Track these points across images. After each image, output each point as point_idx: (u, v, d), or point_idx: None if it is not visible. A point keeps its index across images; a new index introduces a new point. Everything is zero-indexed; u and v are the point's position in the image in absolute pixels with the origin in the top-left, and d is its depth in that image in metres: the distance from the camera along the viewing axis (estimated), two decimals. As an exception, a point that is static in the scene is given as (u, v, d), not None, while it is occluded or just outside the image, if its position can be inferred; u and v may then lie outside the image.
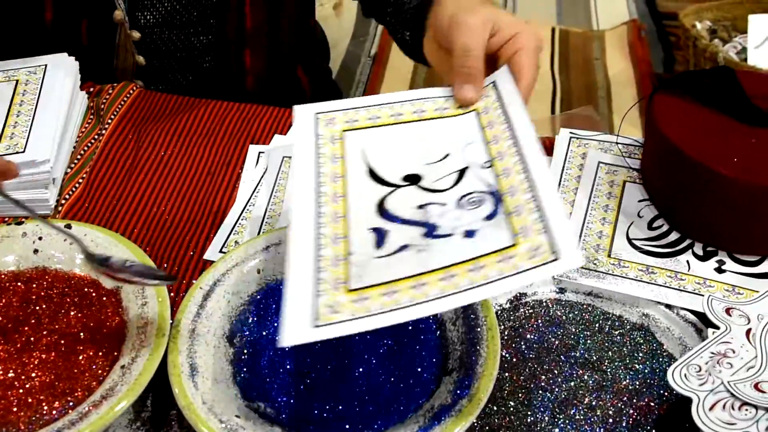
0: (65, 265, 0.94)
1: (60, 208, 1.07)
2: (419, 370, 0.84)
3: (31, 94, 1.14)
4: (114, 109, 1.22)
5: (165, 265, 0.99)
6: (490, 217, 0.81)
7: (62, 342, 0.86)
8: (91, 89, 1.25)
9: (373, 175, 0.89)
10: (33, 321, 0.89)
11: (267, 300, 0.90)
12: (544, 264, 0.73)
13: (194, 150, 1.16)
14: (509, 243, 0.77)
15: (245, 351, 0.86)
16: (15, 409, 0.81)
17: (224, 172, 1.13)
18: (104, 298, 0.90)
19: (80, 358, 0.85)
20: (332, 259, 0.80)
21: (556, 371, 0.88)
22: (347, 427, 0.80)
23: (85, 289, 0.91)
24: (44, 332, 0.88)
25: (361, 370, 0.85)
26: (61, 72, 1.18)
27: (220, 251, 1.01)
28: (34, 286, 0.92)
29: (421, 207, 0.85)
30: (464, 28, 0.94)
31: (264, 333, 0.88)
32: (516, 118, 0.89)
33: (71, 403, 0.81)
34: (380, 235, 0.82)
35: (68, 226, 0.95)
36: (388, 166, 0.90)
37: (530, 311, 0.94)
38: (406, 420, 0.79)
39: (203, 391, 0.80)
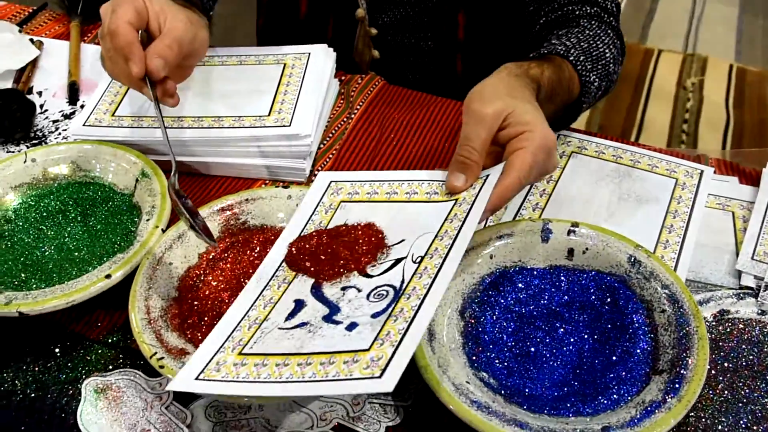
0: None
1: (313, 178, 1.11)
2: (631, 365, 0.83)
3: (296, 77, 1.18)
4: (362, 98, 1.26)
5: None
6: (376, 314, 0.79)
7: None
8: (343, 78, 1.29)
9: None
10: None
11: (496, 283, 0.91)
12: (364, 378, 0.71)
13: (429, 142, 1.18)
14: (366, 347, 0.75)
15: (474, 325, 0.88)
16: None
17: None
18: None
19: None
20: (252, 320, 0.84)
21: (752, 386, 0.86)
22: (561, 405, 0.81)
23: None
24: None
25: (576, 356, 0.85)
26: (321, 59, 1.22)
27: (450, 234, 1.02)
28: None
29: (344, 288, 0.85)
30: (474, 117, 0.87)
31: (490, 311, 0.89)
32: (470, 220, 0.84)
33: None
34: (297, 308, 0.84)
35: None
36: None
37: (731, 327, 0.92)
38: (617, 408, 0.79)
39: (439, 355, 0.81)
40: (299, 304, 0.85)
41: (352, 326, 0.79)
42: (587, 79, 1.08)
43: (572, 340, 0.87)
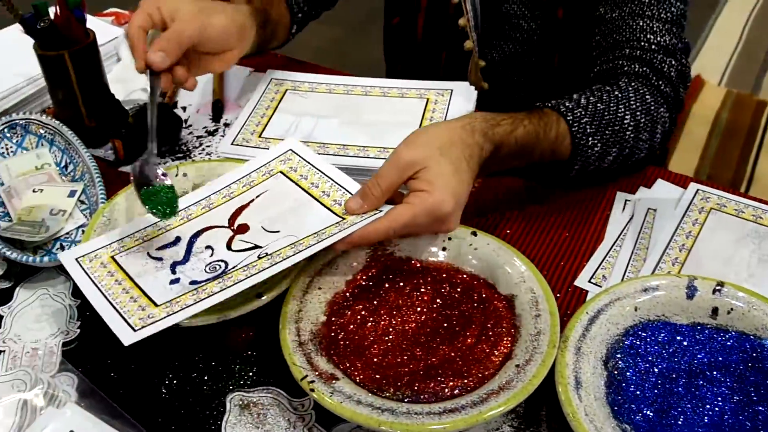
0: (472, 267, 1.00)
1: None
2: (774, 431, 0.83)
3: (439, 113, 1.22)
4: (499, 137, 1.28)
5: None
6: (194, 282, 0.91)
7: (464, 332, 0.92)
8: (479, 116, 1.32)
9: (236, 211, 1.01)
10: (440, 309, 0.95)
11: (639, 335, 0.92)
12: (128, 325, 0.85)
13: (570, 189, 1.20)
14: (159, 302, 0.88)
15: (616, 376, 0.89)
16: (421, 379, 0.88)
17: (594, 213, 1.16)
18: (498, 303, 0.95)
19: (477, 348, 0.90)
20: (142, 235, 0.99)
21: None
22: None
23: (484, 292, 0.97)
24: (451, 320, 0.94)
25: (718, 417, 0.86)
26: (462, 97, 1.25)
27: (589, 281, 1.04)
28: (445, 279, 0.99)
29: (208, 246, 0.97)
30: (393, 157, 0.94)
31: (633, 363, 0.90)
32: (321, 243, 0.90)
33: (468, 386, 0.86)
34: (171, 244, 0.97)
35: (474, 233, 1.01)
36: (252, 213, 1.00)
37: None
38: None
39: (585, 404, 0.83)
40: (175, 242, 0.98)
41: (174, 281, 0.91)
42: (583, 142, 1.09)
43: (714, 400, 0.87)
